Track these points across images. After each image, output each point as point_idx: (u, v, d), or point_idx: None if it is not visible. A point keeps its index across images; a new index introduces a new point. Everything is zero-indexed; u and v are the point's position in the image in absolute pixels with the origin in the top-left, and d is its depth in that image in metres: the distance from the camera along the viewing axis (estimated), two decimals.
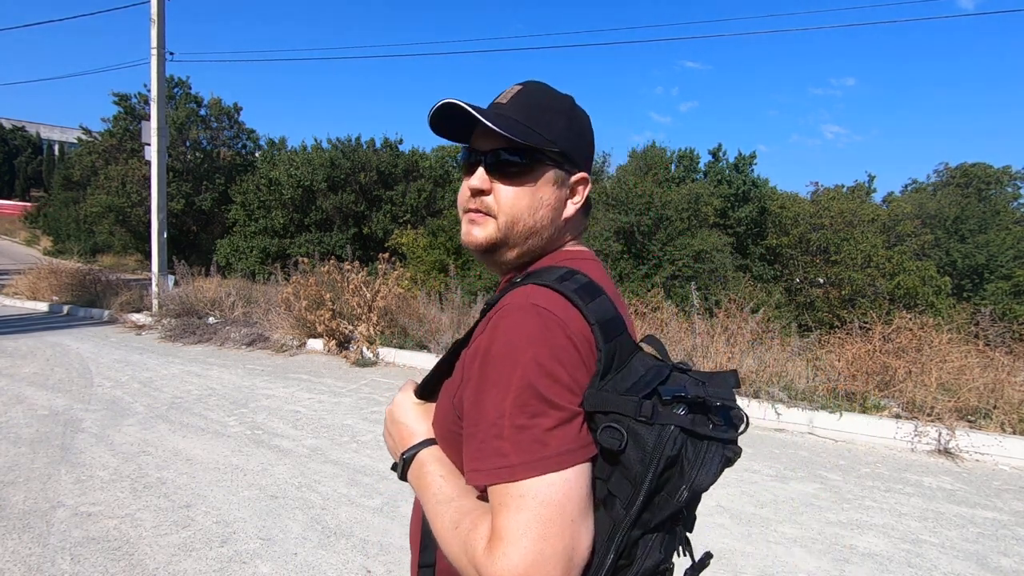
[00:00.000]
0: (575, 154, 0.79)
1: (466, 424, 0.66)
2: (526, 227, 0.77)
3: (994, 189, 30.65)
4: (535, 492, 0.58)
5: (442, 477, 0.72)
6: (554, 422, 0.61)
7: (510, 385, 0.61)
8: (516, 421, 0.60)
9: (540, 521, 0.57)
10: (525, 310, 0.65)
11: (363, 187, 17.41)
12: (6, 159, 44.56)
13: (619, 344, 0.66)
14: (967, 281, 20.57)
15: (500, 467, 0.60)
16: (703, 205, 16.27)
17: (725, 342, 5.57)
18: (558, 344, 0.63)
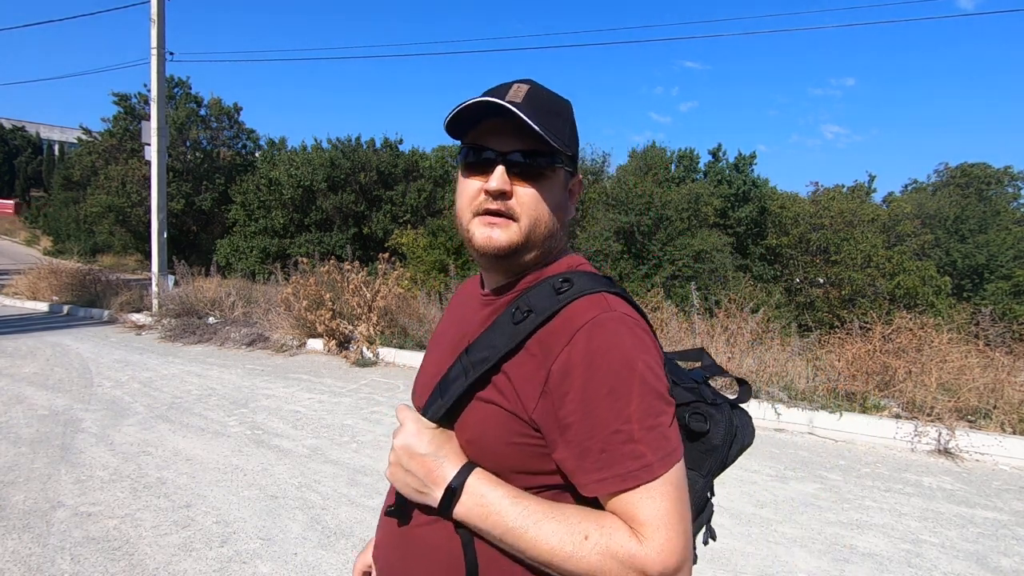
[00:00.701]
0: (576, 156, 0.81)
1: (572, 438, 0.67)
2: (547, 229, 0.77)
3: (994, 189, 30.65)
4: (671, 481, 0.65)
5: (515, 499, 0.69)
6: (670, 419, 0.68)
7: (631, 392, 0.65)
8: (646, 423, 0.65)
9: (679, 503, 0.65)
10: (619, 321, 0.69)
11: (363, 187, 17.41)
12: (6, 159, 44.55)
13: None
14: (967, 281, 20.56)
15: (639, 468, 0.64)
16: (703, 205, 16.27)
17: (725, 342, 5.57)
18: (654, 348, 0.70)
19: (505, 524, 0.67)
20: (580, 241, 15.53)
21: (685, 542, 0.64)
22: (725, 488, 3.55)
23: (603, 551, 0.63)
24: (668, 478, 0.65)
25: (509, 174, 0.74)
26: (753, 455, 4.15)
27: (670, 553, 0.62)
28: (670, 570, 0.62)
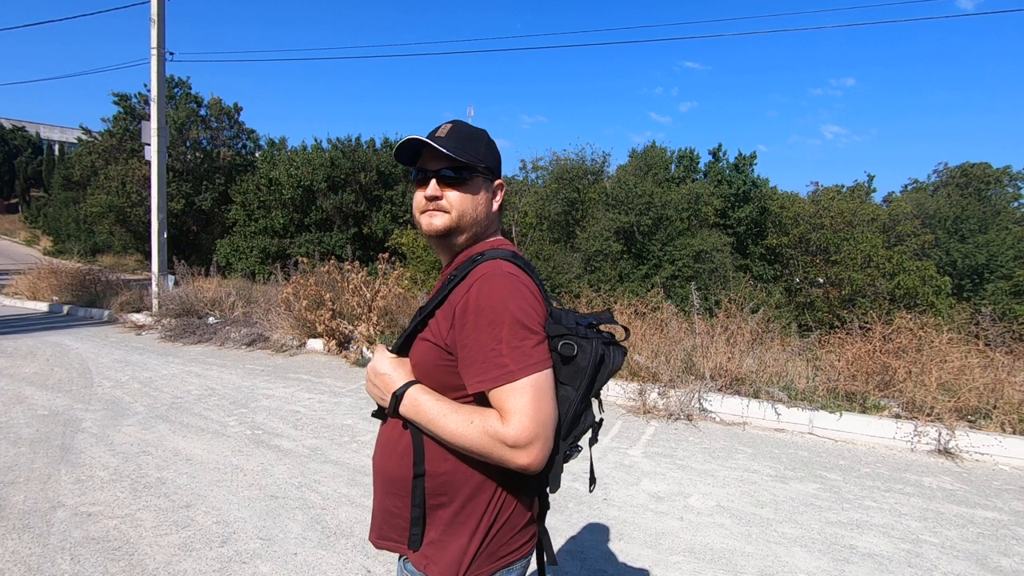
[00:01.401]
0: (494, 167, 1.14)
1: (464, 355, 0.97)
2: (471, 218, 1.11)
3: (994, 189, 30.64)
4: (529, 383, 0.93)
5: (439, 400, 1.00)
6: (535, 343, 0.96)
7: (503, 323, 0.95)
8: (512, 344, 0.94)
9: (536, 400, 0.93)
10: (502, 277, 0.99)
11: (363, 187, 17.41)
12: (6, 159, 44.51)
13: (546, 298, 1.06)
14: (967, 281, 20.55)
15: (503, 373, 0.93)
16: (703, 205, 16.26)
17: (725, 342, 5.57)
18: (526, 296, 0.98)
19: (427, 416, 1.00)
20: (580, 241, 15.53)
21: (536, 427, 0.92)
22: (725, 488, 3.55)
23: (481, 430, 0.94)
24: (527, 381, 0.93)
25: (440, 185, 1.09)
26: (753, 455, 4.16)
27: (523, 430, 0.91)
28: (522, 442, 0.91)
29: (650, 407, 5.11)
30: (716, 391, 5.12)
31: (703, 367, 5.35)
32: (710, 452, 4.20)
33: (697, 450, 4.24)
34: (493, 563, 1.03)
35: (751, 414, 4.91)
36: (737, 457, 4.11)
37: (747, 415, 4.93)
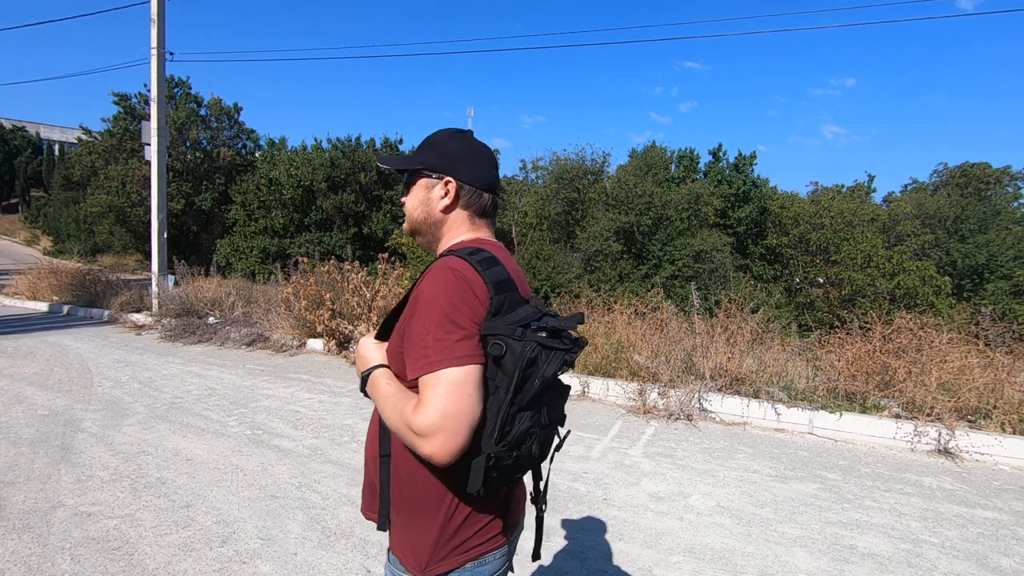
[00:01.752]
0: (439, 166, 1.15)
1: (405, 343, 1.02)
2: (419, 218, 1.18)
3: (993, 189, 30.63)
4: (445, 376, 0.94)
5: (388, 384, 1.07)
6: (459, 337, 0.96)
7: (433, 317, 0.97)
8: (437, 336, 0.96)
9: (449, 392, 0.93)
10: (444, 271, 1.01)
11: (363, 187, 17.41)
12: (6, 159, 44.51)
13: (508, 297, 1.02)
14: (967, 281, 20.55)
15: (425, 363, 0.96)
16: (703, 205, 16.26)
17: (725, 342, 5.57)
18: (461, 291, 0.99)
19: (378, 398, 1.07)
20: (580, 241, 15.53)
21: (440, 419, 0.92)
22: (725, 488, 3.55)
23: (399, 415, 0.98)
24: (444, 374, 0.94)
25: (403, 194, 1.21)
26: (753, 455, 4.16)
27: (425, 420, 0.92)
28: (424, 432, 0.93)
29: (650, 407, 5.11)
30: (716, 391, 5.12)
31: (703, 367, 5.35)
32: (710, 452, 4.20)
33: (697, 450, 4.24)
34: (461, 554, 1.05)
35: (751, 414, 4.91)
36: (737, 457, 4.11)
37: (747, 415, 4.93)
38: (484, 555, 1.07)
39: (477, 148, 1.18)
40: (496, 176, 1.19)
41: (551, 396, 1.02)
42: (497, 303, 1.00)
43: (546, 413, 1.01)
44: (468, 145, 1.17)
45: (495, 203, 1.20)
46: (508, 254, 1.17)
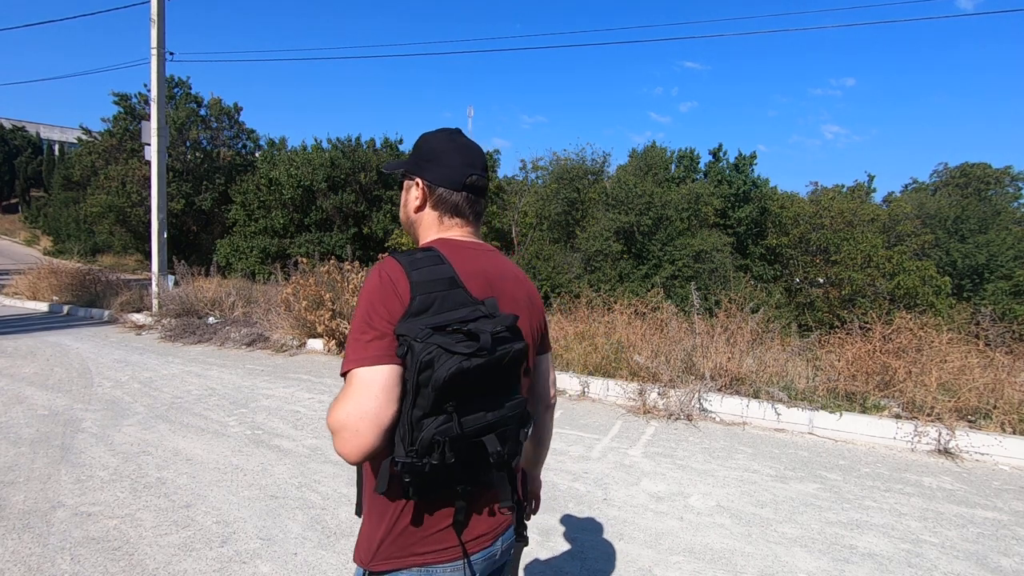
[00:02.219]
0: (412, 167, 1.18)
1: None
2: (402, 219, 1.24)
3: (993, 189, 30.63)
4: (354, 376, 0.95)
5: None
6: (371, 338, 0.96)
7: (356, 316, 1.00)
8: (354, 336, 0.98)
9: (355, 392, 0.94)
10: (373, 272, 1.03)
11: (363, 187, 17.41)
12: (6, 159, 44.51)
13: (441, 296, 0.99)
14: (967, 281, 20.55)
15: (344, 363, 0.97)
16: (703, 205, 16.26)
17: (725, 342, 5.57)
18: (378, 291, 1.00)
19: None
20: (580, 241, 15.53)
21: (343, 418, 0.93)
22: (725, 488, 3.55)
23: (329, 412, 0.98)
24: (353, 373, 0.95)
25: None
26: (753, 455, 4.16)
27: (334, 419, 0.94)
28: (332, 429, 0.94)
29: (650, 407, 5.11)
30: (716, 391, 5.12)
31: (703, 367, 5.35)
32: (710, 452, 4.20)
33: (697, 450, 4.24)
34: (405, 558, 1.02)
35: (751, 414, 4.91)
36: (737, 457, 4.11)
37: (747, 415, 4.93)
38: (432, 565, 1.03)
39: (456, 146, 1.16)
40: (473, 174, 1.15)
41: (466, 405, 0.94)
42: (420, 302, 0.97)
43: (458, 422, 0.92)
44: (447, 144, 1.16)
45: (473, 201, 1.17)
46: (476, 252, 1.14)
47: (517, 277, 1.19)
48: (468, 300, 1.01)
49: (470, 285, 1.04)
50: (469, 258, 1.10)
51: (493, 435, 0.97)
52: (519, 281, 1.19)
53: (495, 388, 0.98)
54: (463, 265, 1.06)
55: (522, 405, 1.02)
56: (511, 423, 1.00)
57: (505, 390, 1.00)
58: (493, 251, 1.19)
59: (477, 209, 1.19)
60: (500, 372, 0.96)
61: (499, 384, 0.98)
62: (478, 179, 1.16)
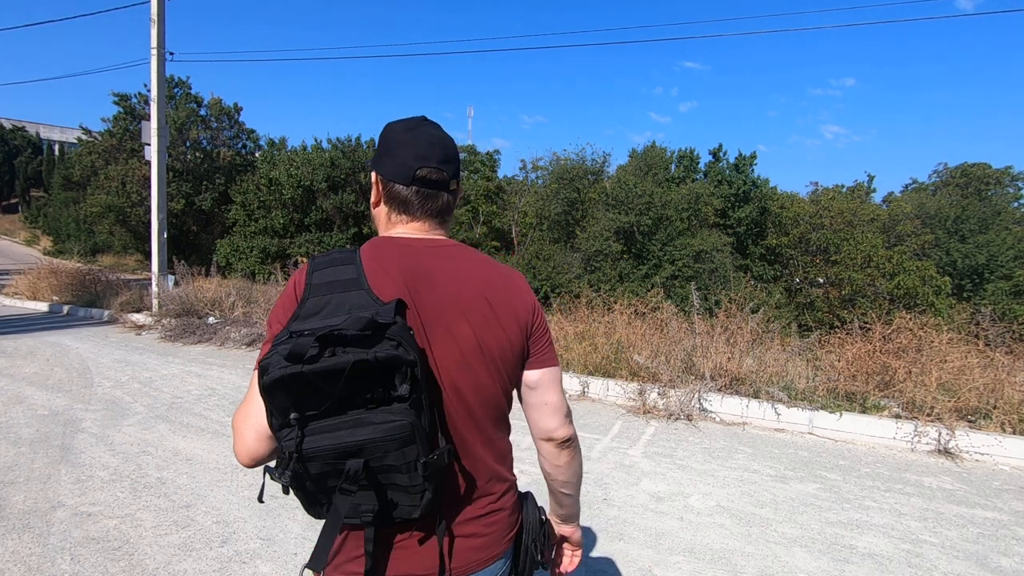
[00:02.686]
0: (373, 163, 1.10)
1: None
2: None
3: (994, 189, 30.63)
4: (252, 377, 0.90)
5: None
6: (267, 339, 0.92)
7: None
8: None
9: (248, 394, 0.92)
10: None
11: (363, 187, 17.42)
12: (6, 159, 44.51)
13: (335, 297, 0.92)
14: (967, 281, 20.56)
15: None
16: (703, 205, 16.27)
17: (725, 342, 5.57)
18: (287, 293, 0.98)
19: None
20: (580, 241, 15.54)
21: (234, 418, 0.93)
22: (725, 488, 3.55)
23: None
24: (252, 376, 0.89)
25: None
26: (753, 455, 4.16)
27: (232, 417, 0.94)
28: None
29: (650, 407, 5.11)
30: (716, 391, 5.12)
31: (703, 367, 5.35)
32: (710, 452, 4.20)
33: (697, 450, 4.24)
34: (330, 571, 0.97)
35: (751, 414, 4.91)
36: (737, 457, 4.11)
37: (747, 415, 4.93)
38: None
39: (410, 137, 1.05)
40: (424, 166, 1.03)
41: (312, 420, 0.82)
42: (312, 305, 0.91)
43: (300, 438, 0.81)
44: (402, 135, 1.06)
45: (425, 196, 1.05)
46: (407, 250, 1.02)
47: (469, 278, 1.02)
48: (367, 303, 0.90)
49: (383, 286, 0.94)
50: (394, 256, 1.00)
51: (360, 460, 0.82)
52: (469, 283, 1.02)
53: (352, 403, 0.81)
54: (382, 264, 0.97)
55: (404, 429, 0.81)
56: (384, 447, 0.82)
57: (375, 406, 0.82)
58: (441, 248, 1.05)
59: (432, 204, 1.06)
60: (351, 384, 0.79)
61: (357, 399, 0.81)
62: (430, 171, 1.03)
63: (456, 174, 1.09)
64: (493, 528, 1.04)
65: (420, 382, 0.83)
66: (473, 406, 1.00)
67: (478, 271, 1.04)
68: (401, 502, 0.88)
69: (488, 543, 1.03)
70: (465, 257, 1.06)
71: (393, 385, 0.82)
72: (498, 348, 1.01)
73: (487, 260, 1.09)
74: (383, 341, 0.81)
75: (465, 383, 0.99)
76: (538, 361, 1.08)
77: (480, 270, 1.04)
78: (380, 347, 0.80)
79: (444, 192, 1.07)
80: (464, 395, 0.99)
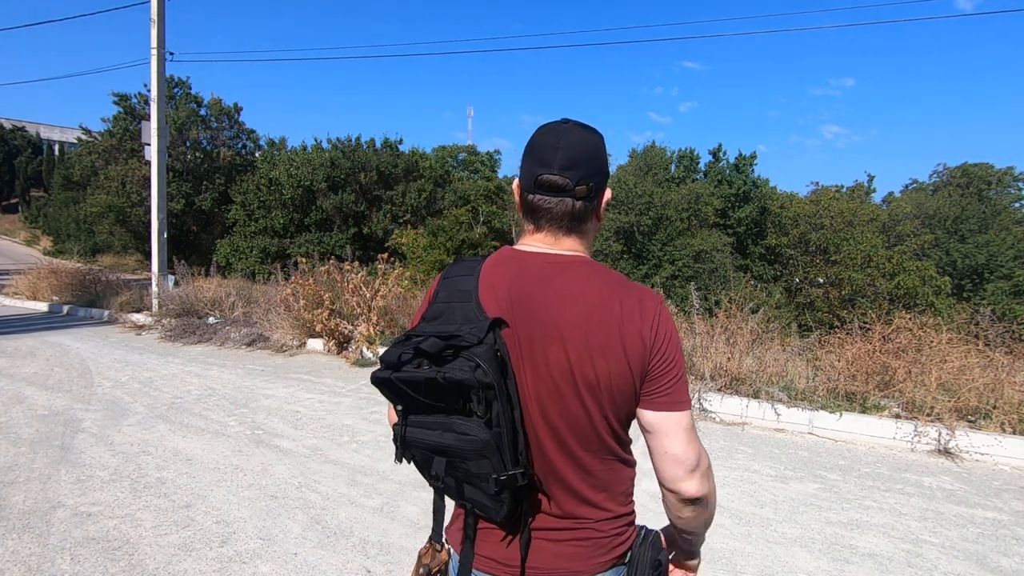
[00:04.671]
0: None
1: None
2: None
3: (994, 189, 30.61)
4: None
5: None
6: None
7: None
8: None
9: None
10: None
11: (363, 187, 17.42)
12: (6, 159, 44.51)
13: (455, 306, 0.97)
14: (967, 281, 20.56)
15: None
16: (703, 205, 16.28)
17: (725, 342, 5.57)
18: (426, 295, 1.06)
19: None
20: None
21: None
22: (725, 488, 3.55)
23: None
24: None
25: None
26: (753, 455, 4.16)
27: None
28: None
29: None
30: (716, 391, 5.12)
31: (703, 367, 5.35)
32: (710, 452, 4.20)
33: None
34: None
35: (751, 414, 4.91)
36: (737, 457, 4.11)
37: (747, 415, 4.93)
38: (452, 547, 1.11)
39: (536, 142, 1.02)
40: (538, 171, 0.99)
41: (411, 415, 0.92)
42: (434, 310, 0.99)
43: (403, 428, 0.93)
44: (537, 138, 1.03)
45: (544, 204, 1.00)
46: (520, 265, 1.01)
47: (578, 299, 0.95)
48: (475, 316, 0.94)
49: (489, 302, 0.96)
50: (506, 270, 1.00)
51: (443, 460, 0.90)
52: (577, 303, 0.95)
53: (442, 409, 0.88)
54: (493, 279, 0.98)
55: (476, 444, 0.85)
56: (463, 455, 0.88)
57: (456, 414, 0.88)
58: (557, 263, 0.99)
59: (553, 212, 0.99)
60: (433, 394, 0.86)
61: (441, 406, 0.88)
62: (548, 176, 0.97)
63: (588, 178, 1.00)
64: (581, 548, 1.00)
65: (495, 403, 0.85)
66: (563, 433, 0.96)
67: (593, 291, 0.95)
68: (486, 503, 0.92)
69: (575, 556, 1.00)
70: (583, 275, 0.98)
71: (471, 400, 0.85)
72: (595, 376, 0.93)
73: (609, 279, 0.99)
74: (459, 359, 0.85)
75: (553, 409, 0.95)
76: (651, 402, 0.96)
77: (596, 290, 0.96)
78: (453, 365, 0.84)
79: (569, 198, 0.99)
80: (552, 421, 0.95)
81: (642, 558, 1.07)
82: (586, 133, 1.02)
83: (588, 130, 1.03)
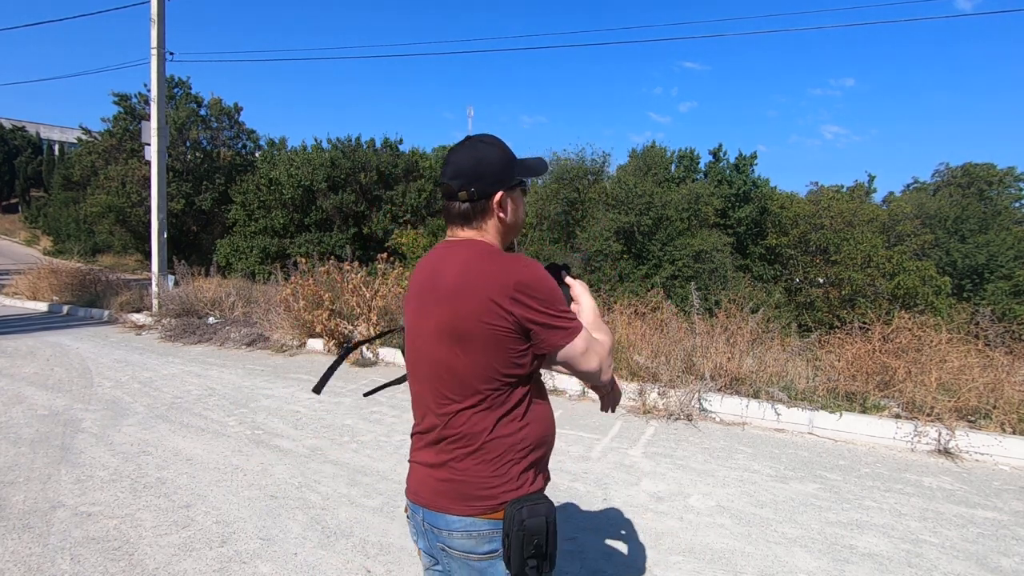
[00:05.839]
0: None
1: None
2: None
3: (995, 189, 30.59)
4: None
5: None
6: None
7: None
8: None
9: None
10: None
11: (363, 187, 17.40)
12: (6, 159, 44.50)
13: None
14: (967, 281, 20.55)
15: None
16: (703, 205, 16.27)
17: (725, 342, 5.57)
18: None
19: None
20: (580, 241, 15.52)
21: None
22: (725, 488, 3.55)
23: None
24: None
25: None
26: (753, 455, 4.16)
27: None
28: None
29: (650, 407, 5.11)
30: (716, 391, 5.12)
31: (703, 367, 5.35)
32: (710, 452, 4.20)
33: (697, 450, 4.24)
34: None
35: (751, 414, 4.91)
36: (737, 457, 4.11)
37: (747, 415, 4.93)
38: None
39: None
40: (440, 180, 1.27)
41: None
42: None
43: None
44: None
45: (445, 206, 1.27)
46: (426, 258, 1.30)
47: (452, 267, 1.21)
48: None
49: (412, 284, 1.31)
50: (427, 259, 1.30)
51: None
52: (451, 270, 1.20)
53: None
54: (421, 265, 1.31)
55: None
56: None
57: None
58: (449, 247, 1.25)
59: (450, 212, 1.26)
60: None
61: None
62: (442, 183, 1.26)
63: (468, 185, 1.21)
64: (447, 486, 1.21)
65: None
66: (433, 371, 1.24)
67: (458, 262, 1.20)
68: None
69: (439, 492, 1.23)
70: (463, 250, 1.22)
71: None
72: (439, 327, 1.20)
73: (475, 251, 1.20)
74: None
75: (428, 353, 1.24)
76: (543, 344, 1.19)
77: (461, 261, 1.19)
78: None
79: (456, 201, 1.24)
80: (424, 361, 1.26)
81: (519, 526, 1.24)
82: (472, 149, 1.23)
83: (476, 146, 1.23)
